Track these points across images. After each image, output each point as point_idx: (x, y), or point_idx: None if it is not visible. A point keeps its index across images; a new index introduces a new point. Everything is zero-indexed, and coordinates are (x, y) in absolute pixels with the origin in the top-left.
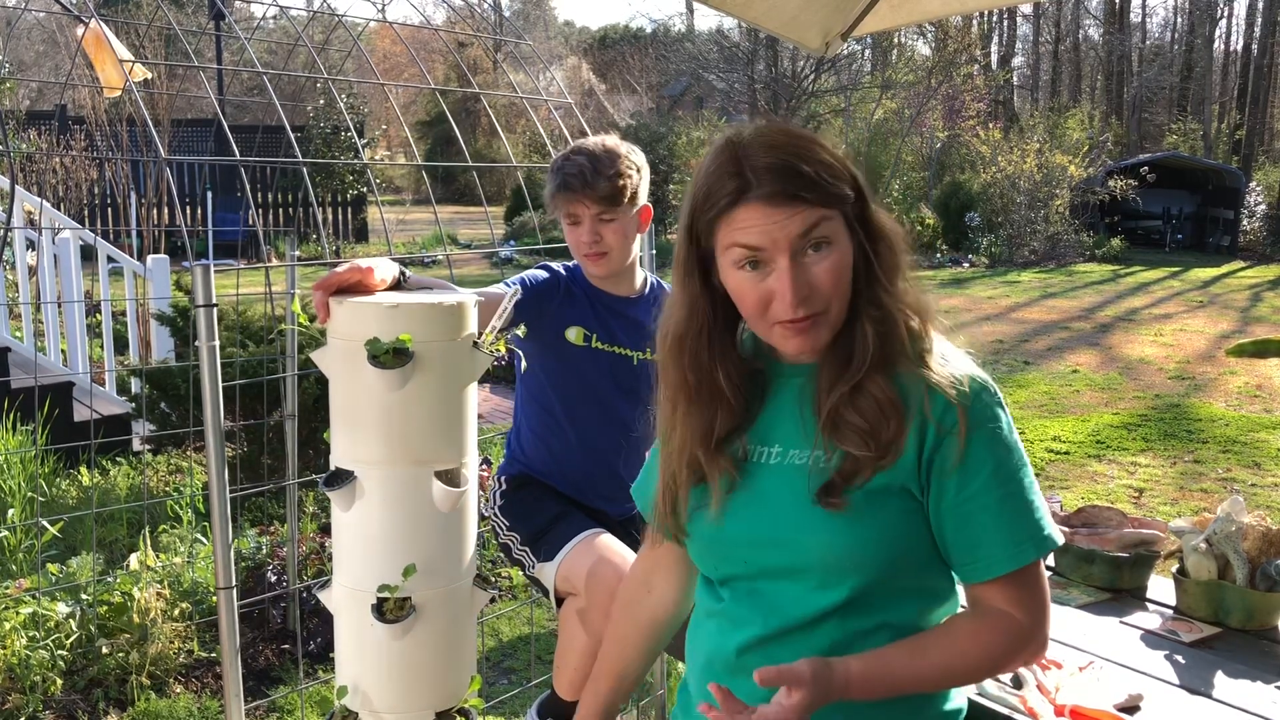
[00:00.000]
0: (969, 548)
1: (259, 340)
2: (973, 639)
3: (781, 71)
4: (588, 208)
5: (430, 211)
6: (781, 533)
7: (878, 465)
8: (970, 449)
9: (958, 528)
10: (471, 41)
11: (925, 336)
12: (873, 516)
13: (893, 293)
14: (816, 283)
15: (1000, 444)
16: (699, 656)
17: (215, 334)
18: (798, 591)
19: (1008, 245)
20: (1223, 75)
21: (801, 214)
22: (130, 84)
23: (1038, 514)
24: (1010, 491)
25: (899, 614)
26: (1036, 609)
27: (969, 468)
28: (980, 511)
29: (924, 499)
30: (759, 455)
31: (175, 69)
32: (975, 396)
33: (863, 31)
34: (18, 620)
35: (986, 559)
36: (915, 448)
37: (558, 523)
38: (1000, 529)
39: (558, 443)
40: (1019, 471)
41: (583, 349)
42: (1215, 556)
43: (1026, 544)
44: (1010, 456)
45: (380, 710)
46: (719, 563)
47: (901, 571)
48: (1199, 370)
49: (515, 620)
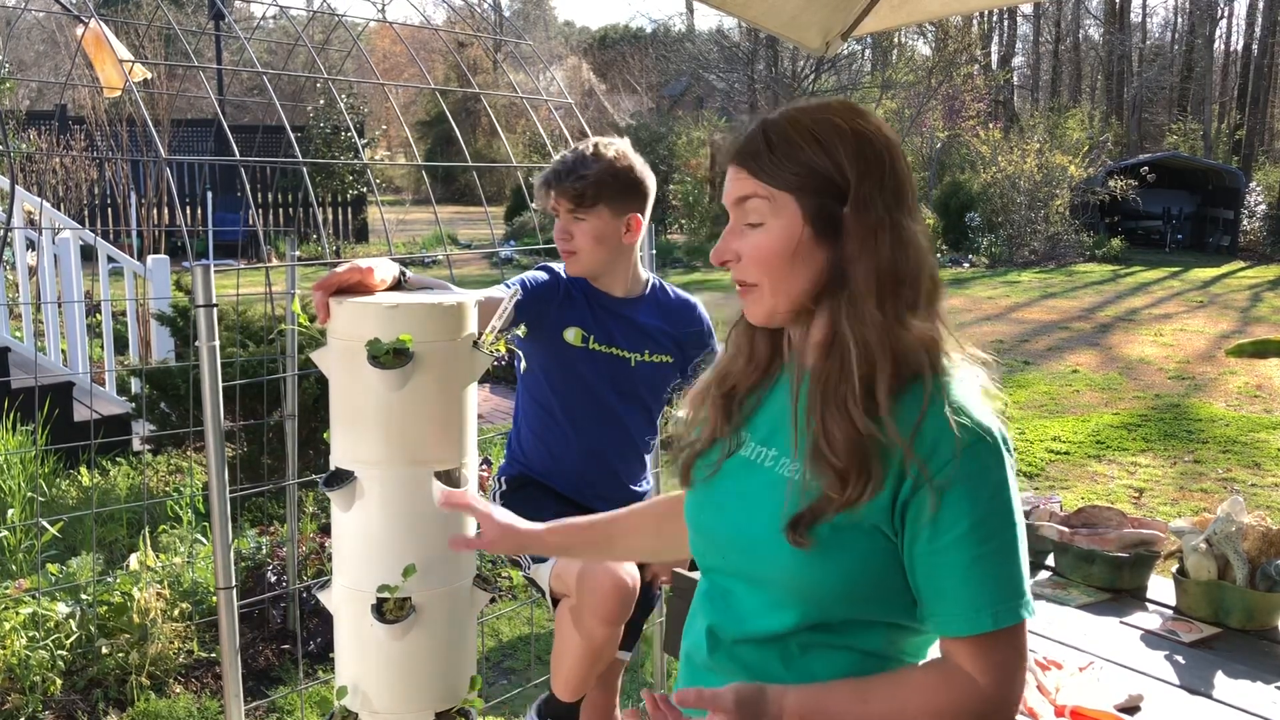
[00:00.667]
0: (932, 600)
1: (259, 340)
2: (920, 693)
3: (781, 71)
4: (560, 203)
5: (430, 211)
6: (753, 541)
7: (846, 506)
8: (947, 501)
9: (924, 577)
10: (471, 41)
11: (928, 371)
12: (833, 552)
13: (887, 316)
14: (744, 254)
15: (983, 502)
16: (685, 649)
17: (215, 334)
18: (760, 602)
19: (1008, 245)
20: (1223, 75)
21: (739, 181)
22: (130, 84)
23: (1011, 582)
24: (985, 553)
25: (864, 640)
26: (1002, 675)
27: (942, 521)
28: (947, 567)
29: (897, 540)
30: (754, 454)
31: (175, 69)
32: (968, 449)
33: (863, 31)
34: (18, 620)
35: (945, 616)
36: (892, 488)
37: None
38: (964, 590)
39: (556, 443)
40: (1002, 532)
41: (580, 350)
42: (1215, 556)
43: (986, 612)
44: (995, 515)
45: (380, 710)
46: (703, 550)
47: (864, 606)
48: (1199, 370)
49: (515, 620)
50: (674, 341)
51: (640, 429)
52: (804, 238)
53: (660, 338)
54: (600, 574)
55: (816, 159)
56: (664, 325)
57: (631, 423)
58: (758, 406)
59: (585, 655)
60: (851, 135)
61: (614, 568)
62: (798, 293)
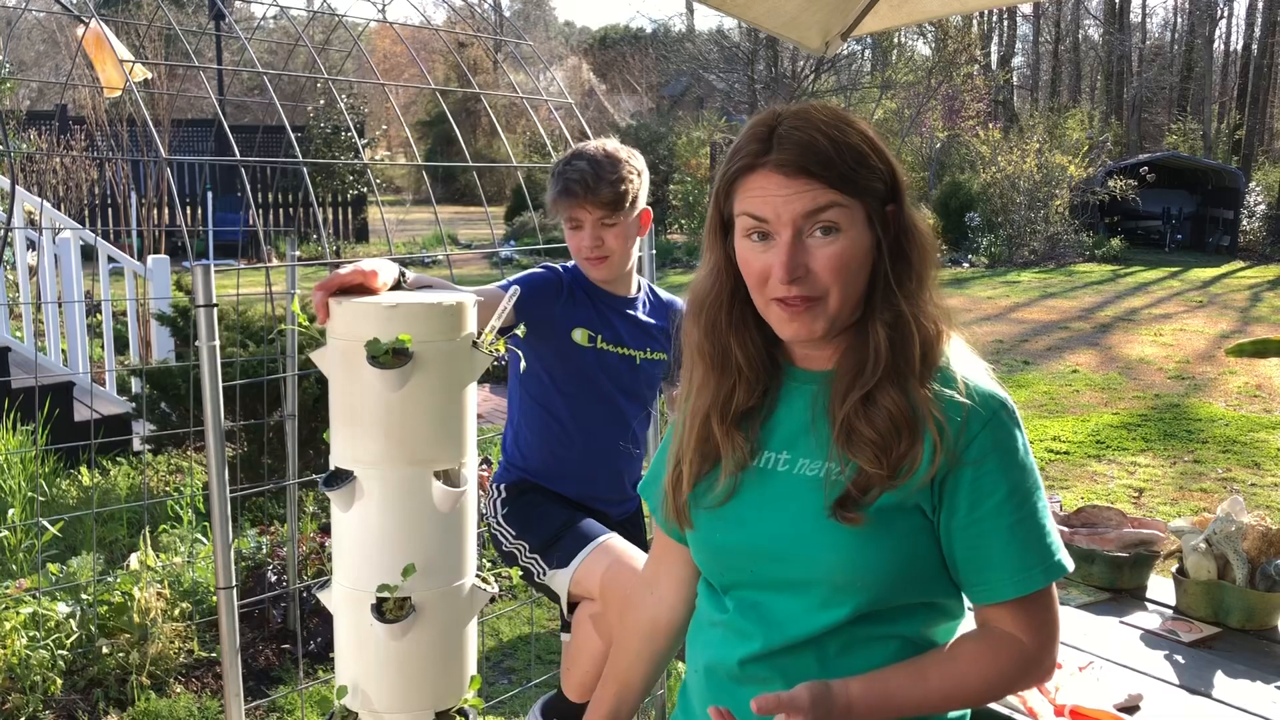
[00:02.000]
0: (977, 570)
1: (259, 340)
2: (975, 663)
3: (781, 71)
4: (590, 213)
5: (430, 211)
6: (788, 546)
7: (890, 483)
8: (984, 470)
9: (967, 549)
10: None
11: (944, 350)
12: (883, 534)
13: (915, 301)
14: (816, 266)
15: (1015, 467)
16: (699, 664)
17: (215, 334)
18: (801, 606)
19: (1007, 245)
20: (1222, 75)
21: (812, 192)
22: (130, 84)
23: (1049, 539)
24: (1023, 516)
25: (906, 626)
26: (1044, 634)
27: (982, 489)
28: (990, 534)
29: (934, 517)
30: (768, 461)
31: (175, 69)
32: (994, 415)
33: (863, 31)
34: (18, 620)
35: (994, 583)
36: (928, 465)
37: (568, 529)
38: (1009, 554)
39: (560, 445)
40: (1032, 495)
41: (589, 349)
42: (1215, 556)
43: (1035, 570)
44: (1025, 479)
45: (380, 710)
46: (722, 570)
47: (908, 589)
48: (1199, 370)
49: (515, 620)
50: (668, 338)
51: (642, 427)
52: (870, 243)
53: (658, 334)
54: (626, 575)
55: (878, 164)
56: (660, 322)
57: (635, 421)
58: (766, 419)
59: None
60: (869, 135)
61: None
62: (857, 298)
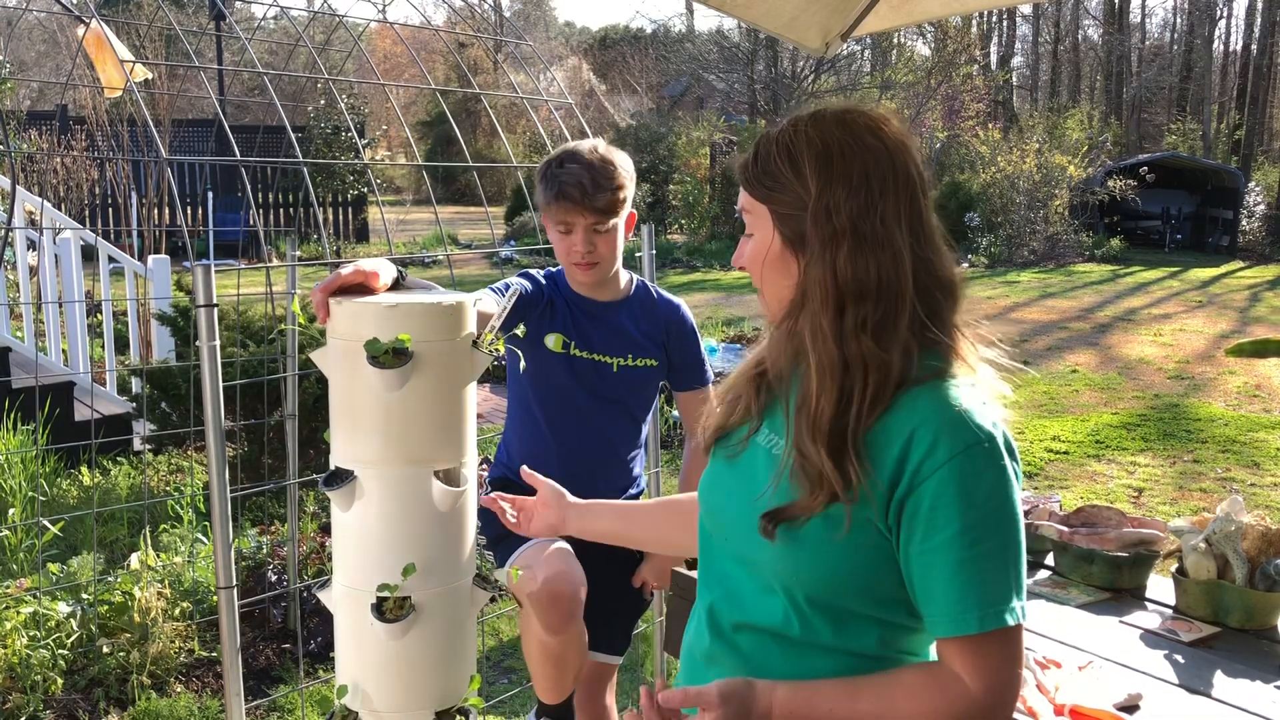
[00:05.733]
0: (923, 600)
1: (259, 340)
2: (910, 696)
3: (781, 72)
4: (584, 218)
5: (430, 211)
6: (744, 519)
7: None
8: (941, 503)
9: (917, 578)
10: (472, 42)
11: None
12: (819, 543)
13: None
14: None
15: (976, 505)
16: (684, 646)
17: (216, 334)
18: (754, 586)
19: (1007, 245)
20: (1222, 75)
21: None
22: (131, 84)
23: (1001, 586)
24: (974, 556)
25: (858, 641)
26: (993, 681)
27: (935, 521)
28: (937, 567)
29: (893, 538)
30: (768, 441)
31: (176, 69)
32: (965, 452)
33: (863, 32)
34: (18, 620)
35: (934, 616)
36: (888, 485)
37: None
38: (950, 590)
39: (538, 447)
40: (991, 538)
41: (561, 355)
42: (1215, 556)
43: (972, 613)
44: (985, 521)
45: (380, 709)
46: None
47: (853, 599)
48: (1198, 370)
49: (515, 620)
50: (658, 344)
51: (623, 434)
52: (774, 247)
53: (643, 341)
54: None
55: (783, 171)
56: (648, 328)
57: (613, 428)
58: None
59: (546, 659)
60: (821, 146)
61: (552, 576)
62: (786, 299)
